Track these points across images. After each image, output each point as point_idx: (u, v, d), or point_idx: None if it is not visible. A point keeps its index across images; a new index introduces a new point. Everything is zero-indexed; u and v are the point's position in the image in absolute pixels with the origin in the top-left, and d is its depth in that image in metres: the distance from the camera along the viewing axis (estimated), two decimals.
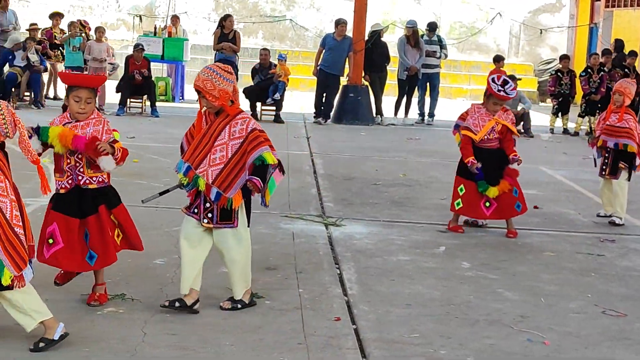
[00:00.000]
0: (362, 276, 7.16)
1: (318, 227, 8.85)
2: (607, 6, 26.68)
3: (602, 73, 18.98)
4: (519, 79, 18.35)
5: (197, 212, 5.94)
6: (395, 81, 19.78)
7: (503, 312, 6.42)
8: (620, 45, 21.17)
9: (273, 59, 19.59)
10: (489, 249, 8.36)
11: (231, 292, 6.12)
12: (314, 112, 19.05)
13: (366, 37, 19.36)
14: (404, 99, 19.63)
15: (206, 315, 5.94)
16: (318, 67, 18.93)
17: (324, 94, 18.95)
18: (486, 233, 9.05)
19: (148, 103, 18.82)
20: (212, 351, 5.33)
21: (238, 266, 6.04)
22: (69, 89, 5.86)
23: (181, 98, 21.95)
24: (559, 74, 19.56)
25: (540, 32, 28.77)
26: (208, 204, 5.88)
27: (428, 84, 19.70)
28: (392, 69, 20.22)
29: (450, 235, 8.83)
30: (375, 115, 19.33)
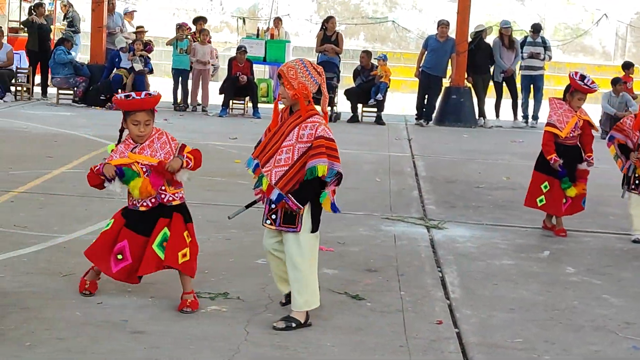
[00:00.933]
0: (464, 279, 7.09)
1: (420, 229, 8.80)
2: None
3: None
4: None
5: (263, 213, 5.80)
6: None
7: (608, 318, 6.28)
8: None
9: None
10: (594, 254, 8.20)
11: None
12: (416, 113, 18.98)
13: (469, 39, 19.20)
14: (505, 101, 19.40)
15: None
16: (420, 69, 18.86)
17: (426, 96, 18.87)
18: (592, 238, 8.88)
19: (250, 104, 19.00)
20: (313, 352, 5.33)
21: (299, 274, 5.70)
22: (126, 114, 5.88)
23: None
24: None
25: None
26: (273, 205, 5.69)
27: (532, 85, 19.42)
28: None
29: (555, 239, 8.69)
30: (478, 117, 19.16)
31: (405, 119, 19.46)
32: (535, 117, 19.43)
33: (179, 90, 19.35)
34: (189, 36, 19.43)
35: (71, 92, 19.22)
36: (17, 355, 4.97)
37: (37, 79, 20.67)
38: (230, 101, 19.01)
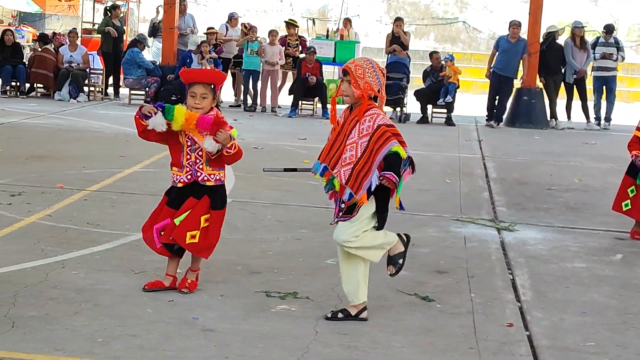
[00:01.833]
0: (535, 282, 7.02)
1: (490, 231, 8.73)
2: None
3: None
4: None
5: (335, 214, 5.78)
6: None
7: None
8: None
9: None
10: None
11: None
12: (486, 115, 18.85)
13: (541, 39, 19.00)
14: (576, 103, 19.16)
15: (377, 316, 5.92)
16: (491, 70, 18.74)
17: (497, 97, 18.73)
18: None
19: (319, 105, 19.04)
20: (382, 352, 5.32)
21: (351, 265, 5.74)
22: (187, 87, 6.01)
23: None
24: None
25: None
26: (343, 205, 5.67)
27: (604, 87, 19.14)
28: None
29: (628, 242, 8.55)
30: (549, 119, 18.95)
31: (475, 120, 19.34)
32: (607, 119, 19.15)
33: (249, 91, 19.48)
34: (259, 37, 19.52)
35: (143, 92, 19.45)
36: (90, 352, 5.04)
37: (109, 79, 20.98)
38: (300, 102, 19.08)
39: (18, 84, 19.56)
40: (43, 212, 8.43)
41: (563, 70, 19.07)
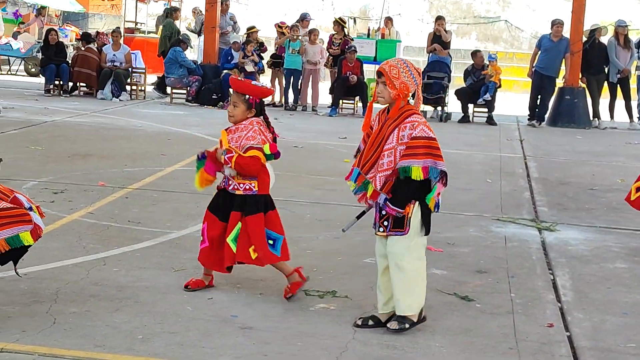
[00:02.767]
0: (576, 282, 6.96)
1: (531, 231, 8.68)
2: None
3: None
4: None
5: (374, 222, 5.67)
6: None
7: None
8: None
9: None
10: None
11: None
12: (528, 114, 18.74)
13: (584, 38, 18.84)
14: (619, 102, 18.98)
15: None
16: (533, 69, 18.62)
17: (539, 96, 18.61)
18: None
19: (360, 104, 19.03)
20: (422, 352, 5.31)
21: (405, 276, 5.52)
22: None
23: None
24: None
25: None
26: (384, 212, 5.52)
27: None
28: None
29: None
30: (592, 119, 18.79)
31: (517, 119, 19.23)
32: None
33: (290, 90, 19.52)
34: (300, 37, 19.54)
35: (184, 91, 19.56)
36: (130, 348, 5.08)
37: (150, 78, 21.11)
38: (340, 101, 19.08)
39: (61, 82, 19.75)
40: (85, 210, 8.51)
41: (606, 70, 18.89)
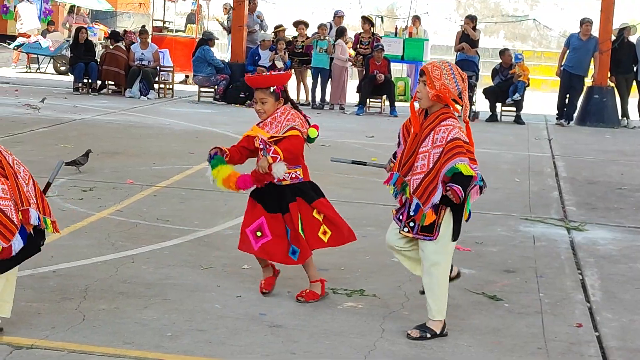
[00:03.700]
0: (605, 283, 6.92)
1: (559, 230, 8.64)
2: None
3: None
4: None
5: (401, 219, 5.60)
6: None
7: None
8: None
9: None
10: None
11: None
12: (556, 113, 18.65)
13: (612, 37, 18.72)
14: None
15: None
16: (562, 68, 18.52)
17: (567, 95, 18.51)
18: None
19: (387, 103, 19.00)
20: (450, 351, 5.30)
21: (435, 282, 5.48)
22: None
23: None
24: None
25: None
26: (412, 213, 5.46)
27: None
28: None
29: None
30: (620, 118, 18.67)
31: (545, 118, 19.14)
32: None
33: (318, 89, 19.52)
34: (327, 37, 19.53)
35: (212, 90, 19.61)
36: (159, 345, 5.10)
37: (178, 77, 21.17)
38: (368, 99, 19.06)
39: (90, 81, 19.86)
40: (113, 208, 8.55)
41: (635, 69, 18.76)
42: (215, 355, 5.03)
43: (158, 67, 20.02)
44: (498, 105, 18.55)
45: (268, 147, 5.96)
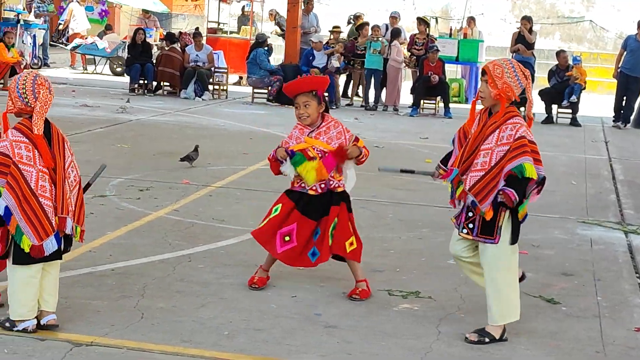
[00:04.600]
0: None
1: (617, 234, 8.54)
2: None
3: None
4: None
5: (459, 221, 5.53)
6: None
7: None
8: None
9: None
10: None
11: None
12: (613, 115, 18.44)
13: None
14: None
15: None
16: (619, 70, 18.30)
17: (624, 97, 18.29)
18: None
19: (441, 104, 18.92)
20: (507, 354, 5.27)
21: (495, 287, 5.38)
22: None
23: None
24: None
25: None
26: (471, 213, 5.38)
27: None
28: None
29: None
30: None
31: (602, 120, 18.93)
32: None
33: (371, 90, 19.51)
34: (381, 38, 19.48)
35: (265, 91, 19.67)
36: (216, 344, 5.14)
37: (232, 78, 21.24)
38: (421, 101, 19.00)
39: (146, 82, 20.03)
40: (170, 207, 8.62)
41: None
42: (272, 355, 5.05)
43: (212, 69, 20.12)
44: (554, 107, 18.38)
45: (355, 141, 6.05)
